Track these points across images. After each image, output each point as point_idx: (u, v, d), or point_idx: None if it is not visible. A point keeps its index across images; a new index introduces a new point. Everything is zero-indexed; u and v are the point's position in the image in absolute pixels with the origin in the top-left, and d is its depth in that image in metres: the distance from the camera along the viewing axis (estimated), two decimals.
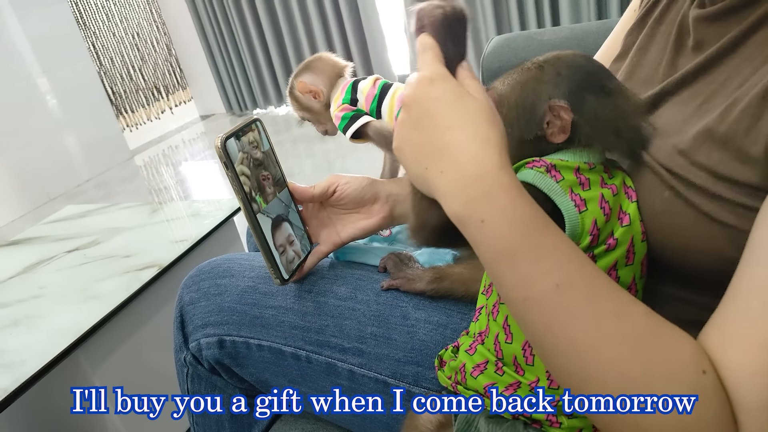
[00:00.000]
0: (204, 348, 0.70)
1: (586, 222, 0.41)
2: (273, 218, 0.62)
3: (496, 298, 0.48)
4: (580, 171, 0.43)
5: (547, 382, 0.44)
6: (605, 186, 0.44)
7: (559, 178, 0.42)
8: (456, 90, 0.41)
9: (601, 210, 0.42)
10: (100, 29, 3.70)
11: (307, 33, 3.58)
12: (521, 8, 2.95)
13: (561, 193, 0.42)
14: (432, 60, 0.42)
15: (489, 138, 0.39)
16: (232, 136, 0.57)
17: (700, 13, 0.47)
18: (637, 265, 0.44)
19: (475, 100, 0.41)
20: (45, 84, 3.20)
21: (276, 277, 0.61)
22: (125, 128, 3.83)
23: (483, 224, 0.38)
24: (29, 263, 1.22)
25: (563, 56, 0.46)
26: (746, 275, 0.37)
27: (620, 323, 0.36)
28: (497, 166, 0.38)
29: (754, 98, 0.38)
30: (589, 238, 0.42)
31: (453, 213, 0.39)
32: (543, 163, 0.44)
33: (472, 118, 0.40)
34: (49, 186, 3.20)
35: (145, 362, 1.12)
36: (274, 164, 0.64)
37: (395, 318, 0.63)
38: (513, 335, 0.45)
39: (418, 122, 0.41)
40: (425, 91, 0.41)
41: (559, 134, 0.43)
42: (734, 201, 0.39)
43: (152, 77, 4.07)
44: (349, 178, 0.68)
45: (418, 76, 0.42)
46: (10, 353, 0.92)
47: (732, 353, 0.36)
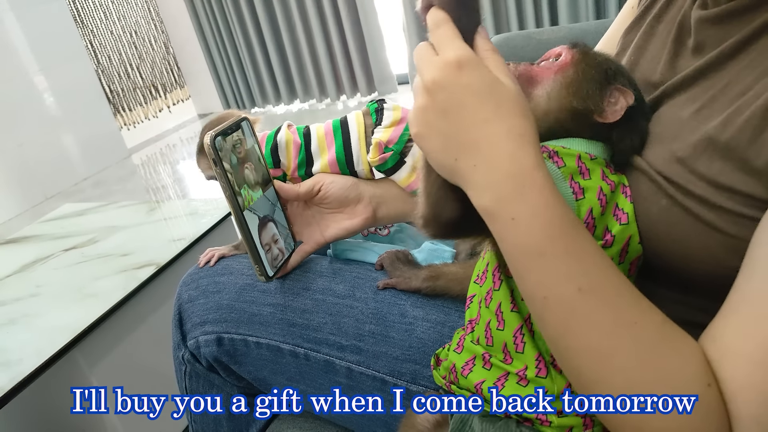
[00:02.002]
0: (202, 346, 0.70)
1: (582, 210, 0.42)
2: (260, 216, 0.63)
3: (489, 285, 0.48)
4: (581, 159, 0.44)
5: (535, 370, 0.44)
6: (605, 179, 0.44)
7: (560, 164, 0.43)
8: (486, 77, 0.38)
9: (599, 201, 0.43)
10: (98, 27, 3.69)
11: (305, 32, 3.58)
12: (519, 8, 2.95)
13: (561, 179, 0.42)
14: (451, 37, 0.39)
15: (524, 133, 0.38)
16: (221, 135, 0.58)
17: (702, 15, 0.46)
18: (626, 265, 0.44)
19: (507, 89, 0.39)
20: (42, 82, 3.19)
21: (261, 274, 0.62)
22: (123, 126, 3.82)
23: (513, 222, 0.37)
24: (26, 262, 1.22)
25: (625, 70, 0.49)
26: (745, 290, 0.37)
27: (635, 332, 0.37)
28: (533, 165, 0.37)
29: (758, 109, 0.38)
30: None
31: (482, 207, 0.38)
32: (545, 149, 0.44)
33: (507, 111, 0.38)
34: (46, 184, 3.19)
35: (143, 361, 1.12)
36: (260, 163, 0.64)
37: (393, 316, 0.63)
38: (505, 322, 0.46)
39: (446, 110, 0.39)
40: (454, 77, 0.38)
41: (613, 113, 0.45)
42: (734, 211, 0.38)
43: (150, 75, 4.06)
44: (334, 178, 0.69)
45: (443, 58, 0.39)
46: (6, 352, 0.92)
47: (727, 367, 0.36)
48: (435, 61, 0.39)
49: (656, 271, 0.46)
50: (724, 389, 0.36)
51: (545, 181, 0.37)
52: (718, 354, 0.37)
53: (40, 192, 3.16)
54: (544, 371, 0.44)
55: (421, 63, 0.40)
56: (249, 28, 3.72)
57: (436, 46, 0.40)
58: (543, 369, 0.44)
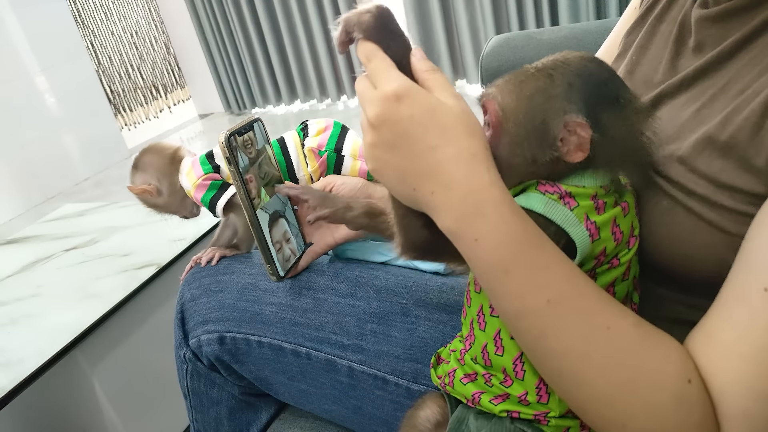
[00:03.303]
0: (204, 344, 0.70)
1: (596, 250, 0.41)
2: (270, 214, 0.63)
3: (477, 307, 0.47)
4: (597, 197, 0.41)
5: (536, 397, 0.44)
6: (617, 205, 0.42)
7: (573, 205, 0.40)
8: (426, 103, 0.38)
9: (612, 236, 0.41)
10: (99, 28, 3.69)
11: (305, 32, 3.58)
12: (520, 8, 2.95)
13: (576, 223, 0.40)
14: (384, 68, 0.39)
15: (474, 152, 0.38)
16: (235, 134, 0.59)
17: (703, 14, 0.46)
18: (630, 280, 0.44)
19: (448, 110, 0.38)
20: (43, 82, 3.19)
21: (272, 274, 0.63)
22: (123, 127, 3.83)
23: (476, 242, 0.37)
24: (27, 262, 1.22)
25: (572, 61, 0.41)
26: (737, 284, 0.37)
27: (610, 335, 0.37)
28: (487, 182, 0.37)
29: (757, 107, 0.38)
30: (593, 263, 0.41)
31: (446, 228, 0.39)
32: (557, 189, 0.40)
33: (452, 133, 0.38)
34: (47, 184, 3.19)
35: (144, 360, 1.12)
36: (272, 163, 0.65)
37: (395, 315, 0.63)
38: (504, 348, 0.45)
39: (393, 144, 0.39)
40: (394, 111, 0.38)
41: (575, 152, 0.39)
42: (736, 209, 0.39)
43: (150, 76, 4.06)
44: (344, 179, 0.69)
45: (380, 93, 0.38)
46: (8, 352, 0.92)
47: (717, 361, 0.37)
48: (374, 97, 0.39)
49: (656, 271, 0.46)
50: (713, 383, 0.36)
51: (502, 197, 0.37)
52: (707, 348, 0.37)
53: (40, 192, 3.16)
54: (545, 398, 0.44)
55: (362, 99, 0.40)
56: (249, 28, 3.72)
57: (372, 80, 0.40)
58: (544, 396, 0.44)
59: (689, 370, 0.37)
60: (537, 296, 0.37)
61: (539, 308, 0.37)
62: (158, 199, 0.79)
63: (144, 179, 0.79)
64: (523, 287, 0.37)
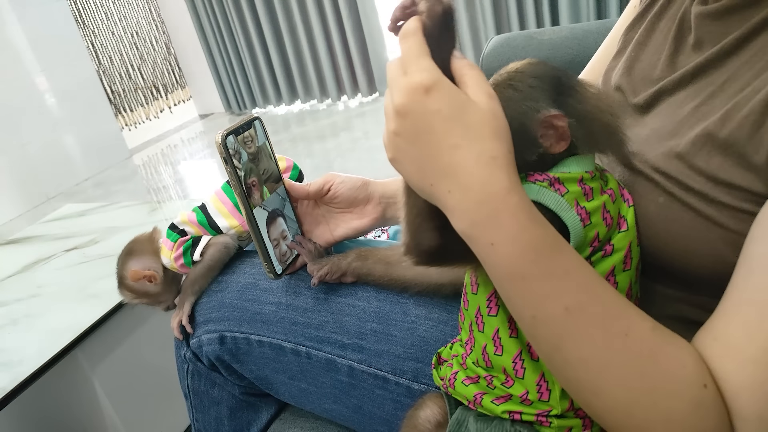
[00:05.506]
0: (205, 344, 0.70)
1: (589, 235, 0.41)
2: (269, 212, 0.63)
3: (475, 308, 0.47)
4: (583, 181, 0.42)
5: (537, 395, 0.44)
6: (604, 192, 0.43)
7: (563, 191, 0.41)
8: (455, 99, 0.37)
9: (603, 221, 0.42)
10: (99, 28, 3.70)
11: (306, 32, 3.58)
12: (520, 8, 2.95)
13: (567, 208, 0.41)
14: (418, 53, 0.38)
15: (496, 155, 0.37)
16: (233, 133, 0.59)
17: (703, 10, 0.46)
18: (633, 270, 0.44)
19: (477, 109, 0.37)
20: (44, 83, 3.20)
21: (269, 271, 0.63)
22: (124, 127, 3.83)
23: (492, 247, 0.37)
24: (28, 262, 1.22)
25: (524, 68, 0.44)
26: (744, 288, 0.37)
27: (628, 342, 0.37)
28: (505, 188, 0.36)
29: (757, 105, 0.38)
30: (589, 250, 0.42)
31: (461, 230, 0.38)
32: (546, 177, 0.42)
33: (476, 134, 0.37)
34: (47, 185, 3.20)
35: (144, 360, 1.12)
36: (271, 161, 0.65)
37: (395, 314, 0.63)
38: (503, 348, 0.45)
39: (416, 136, 0.38)
40: (421, 102, 0.37)
41: (558, 143, 0.42)
42: (734, 206, 0.39)
43: (151, 76, 4.07)
44: (344, 178, 0.69)
45: (410, 82, 0.38)
46: (8, 352, 0.92)
47: (730, 365, 0.36)
48: (402, 85, 0.38)
49: (657, 269, 0.46)
50: (726, 387, 0.36)
51: (520, 203, 0.37)
52: (719, 352, 0.37)
53: (41, 192, 3.16)
54: (546, 395, 0.44)
55: (391, 83, 0.40)
56: (250, 28, 3.72)
57: (403, 64, 0.39)
58: (545, 393, 0.44)
59: (704, 374, 0.37)
60: (554, 304, 0.37)
61: (557, 316, 0.37)
62: (152, 286, 0.75)
63: (143, 264, 0.76)
64: (540, 295, 0.37)
